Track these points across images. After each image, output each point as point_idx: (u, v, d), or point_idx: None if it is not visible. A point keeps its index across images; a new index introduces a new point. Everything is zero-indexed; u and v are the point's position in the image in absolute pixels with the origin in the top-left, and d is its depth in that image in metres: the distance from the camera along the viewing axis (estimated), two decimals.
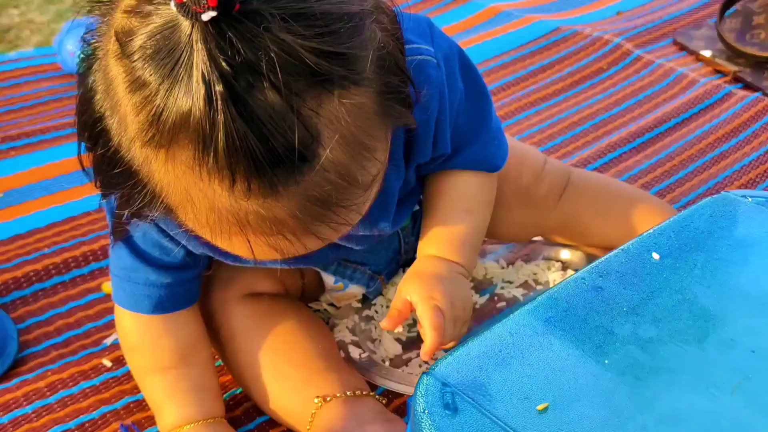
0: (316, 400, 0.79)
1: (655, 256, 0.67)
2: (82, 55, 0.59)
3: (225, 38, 0.50)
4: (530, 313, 0.62)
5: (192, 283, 0.82)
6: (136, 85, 0.53)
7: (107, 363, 0.92)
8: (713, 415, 0.54)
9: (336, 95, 0.54)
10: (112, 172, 0.58)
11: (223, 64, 0.50)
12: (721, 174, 1.18)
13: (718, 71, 1.44)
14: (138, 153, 0.56)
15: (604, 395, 0.56)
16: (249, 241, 0.58)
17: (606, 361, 0.58)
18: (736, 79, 1.40)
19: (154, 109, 0.52)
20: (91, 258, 1.06)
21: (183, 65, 0.51)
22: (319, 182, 0.55)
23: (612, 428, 0.54)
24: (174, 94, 0.51)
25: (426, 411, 0.55)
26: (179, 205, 0.58)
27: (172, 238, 0.76)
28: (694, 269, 0.66)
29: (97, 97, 0.57)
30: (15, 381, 0.90)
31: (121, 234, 0.74)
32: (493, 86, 1.44)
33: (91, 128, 0.58)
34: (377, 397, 0.82)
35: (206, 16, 0.50)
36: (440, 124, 0.76)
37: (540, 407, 0.55)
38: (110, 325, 0.97)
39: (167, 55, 0.51)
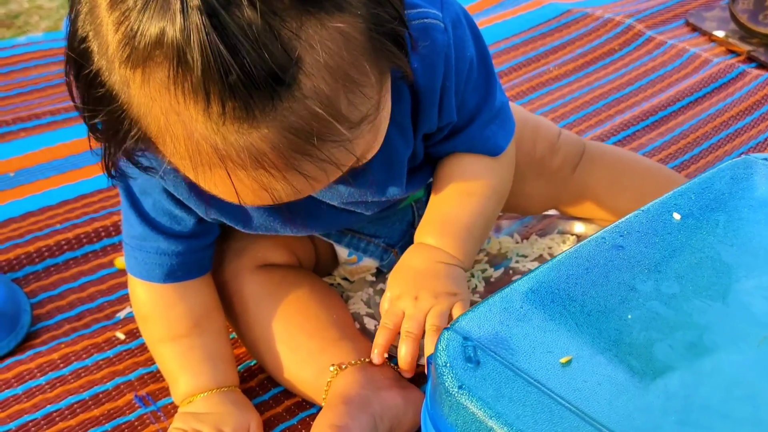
0: (331, 368, 0.78)
1: (676, 216, 0.66)
2: None
3: None
4: (550, 270, 0.61)
5: (204, 252, 0.81)
6: (116, 1, 0.52)
7: (120, 336, 0.91)
8: (740, 369, 0.54)
9: (318, 18, 0.52)
10: (95, 96, 0.56)
11: None
12: (736, 151, 1.17)
13: (731, 51, 1.43)
14: (117, 76, 0.54)
15: (629, 349, 0.55)
16: (230, 177, 0.55)
17: (629, 316, 0.57)
18: (750, 59, 1.39)
19: (130, 25, 0.51)
20: (103, 234, 1.06)
21: None
22: (298, 110, 0.53)
23: (637, 380, 0.53)
24: (150, 9, 0.50)
25: (447, 364, 0.54)
26: (158, 133, 0.56)
27: (183, 206, 0.76)
28: (716, 229, 0.65)
29: (81, 17, 0.55)
30: (28, 353, 0.89)
31: (114, 172, 0.67)
32: (504, 67, 1.43)
33: (77, 51, 0.56)
34: (392, 365, 0.82)
35: None
36: (446, 91, 0.74)
37: (563, 360, 0.54)
38: (123, 300, 0.97)
39: None
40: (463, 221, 0.80)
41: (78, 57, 0.56)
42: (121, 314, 0.94)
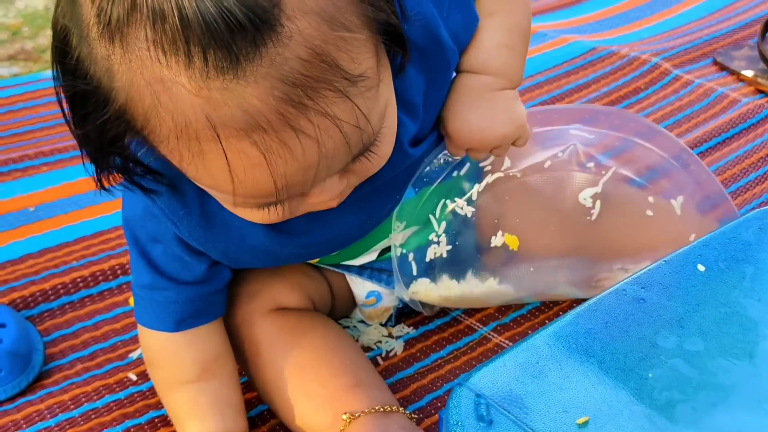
0: (344, 417, 0.76)
1: (701, 267, 0.64)
2: None
3: None
4: (568, 324, 0.59)
5: (215, 296, 0.80)
6: None
7: (132, 377, 0.90)
8: None
9: None
10: (80, 96, 0.55)
11: None
12: (765, 194, 1.14)
13: (760, 91, 1.40)
14: (99, 57, 0.52)
15: (648, 410, 0.53)
16: (224, 149, 0.52)
17: (650, 375, 0.55)
18: None
19: None
20: (119, 272, 1.05)
21: None
22: (286, 56, 0.50)
23: None
24: None
25: (459, 423, 0.52)
26: (145, 118, 0.53)
27: (194, 252, 0.74)
28: (742, 281, 0.63)
29: (60, 7, 0.54)
30: (39, 393, 0.88)
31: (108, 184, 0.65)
32: (529, 105, 1.41)
33: (60, 40, 0.54)
34: (407, 413, 0.79)
35: None
36: (449, 19, 0.72)
37: (580, 421, 0.52)
38: (137, 339, 0.95)
39: None
40: (497, 39, 0.76)
41: (62, 47, 0.55)
42: (134, 354, 0.93)
